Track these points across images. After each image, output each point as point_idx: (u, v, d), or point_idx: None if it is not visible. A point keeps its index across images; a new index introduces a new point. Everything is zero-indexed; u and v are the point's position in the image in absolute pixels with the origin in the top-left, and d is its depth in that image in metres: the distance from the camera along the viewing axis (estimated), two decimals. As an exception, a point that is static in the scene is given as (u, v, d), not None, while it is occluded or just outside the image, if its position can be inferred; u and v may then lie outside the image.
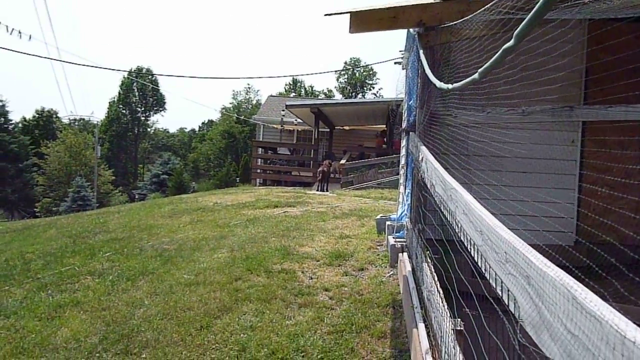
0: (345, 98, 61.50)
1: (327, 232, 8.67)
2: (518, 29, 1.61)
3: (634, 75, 4.55)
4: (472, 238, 2.16)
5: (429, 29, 5.38)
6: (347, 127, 28.75)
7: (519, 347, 1.80)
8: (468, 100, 4.94)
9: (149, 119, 75.73)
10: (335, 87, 73.07)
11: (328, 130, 26.78)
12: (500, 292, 1.78)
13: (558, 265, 1.54)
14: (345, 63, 71.98)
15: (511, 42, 1.70)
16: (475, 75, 2.25)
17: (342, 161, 20.80)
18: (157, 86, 69.58)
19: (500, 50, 1.85)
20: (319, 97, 61.85)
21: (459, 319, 3.10)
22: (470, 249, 2.23)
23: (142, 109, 73.57)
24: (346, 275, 6.39)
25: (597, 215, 5.69)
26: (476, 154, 5.78)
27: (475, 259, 2.12)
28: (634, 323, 0.99)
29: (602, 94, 5.58)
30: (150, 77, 67.95)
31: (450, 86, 2.93)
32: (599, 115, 5.00)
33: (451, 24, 4.70)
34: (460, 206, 2.44)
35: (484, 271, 1.98)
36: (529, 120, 5.24)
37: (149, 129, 77.64)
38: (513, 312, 1.63)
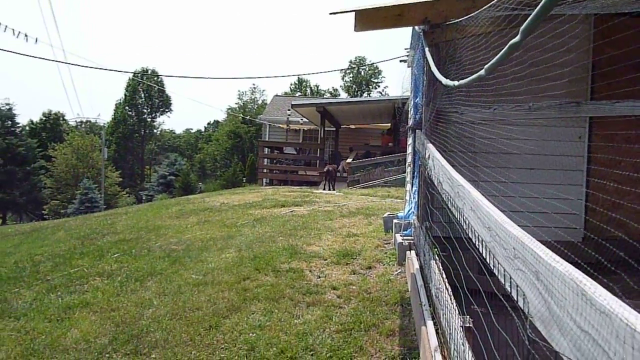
0: (351, 97, 61.46)
1: (334, 230, 8.67)
2: (524, 24, 1.61)
3: (641, 69, 4.53)
4: (480, 234, 2.16)
5: (434, 26, 5.37)
6: (353, 126, 28.73)
7: (528, 343, 1.80)
8: (474, 97, 4.93)
9: (155, 120, 75.86)
10: (340, 86, 72.94)
11: (334, 129, 26.77)
12: (509, 289, 1.78)
13: (567, 261, 1.53)
14: (350, 62, 71.87)
15: (517, 38, 1.70)
16: (482, 72, 2.24)
17: (349, 160, 20.79)
18: (163, 87, 69.74)
19: (507, 46, 1.85)
20: (325, 96, 61.83)
21: (468, 316, 3.10)
22: (479, 245, 2.23)
23: (148, 110, 73.72)
24: (354, 274, 6.39)
25: (606, 210, 5.66)
26: (483, 150, 5.78)
27: (484, 255, 2.12)
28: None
29: (608, 89, 5.56)
30: (155, 78, 68.15)
31: (456, 83, 2.92)
32: (606, 110, 4.98)
33: (456, 20, 4.69)
34: (468, 203, 2.44)
35: (492, 268, 1.98)
36: (536, 116, 5.23)
37: (155, 130, 77.75)
38: (522, 308, 1.63)
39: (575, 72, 5.90)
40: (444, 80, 3.35)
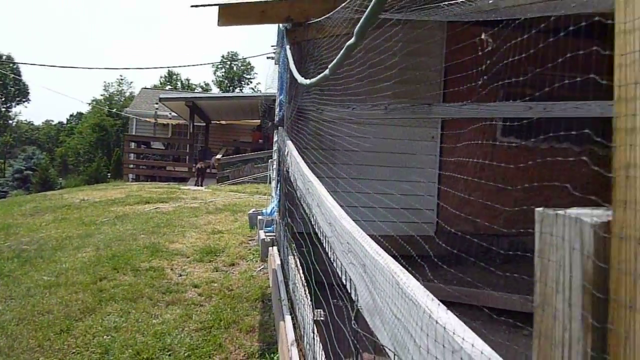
0: (223, 92, 60.69)
1: (199, 227, 8.55)
2: (357, 27, 1.67)
3: (486, 75, 4.88)
4: (324, 230, 2.22)
5: (297, 24, 5.45)
6: (223, 122, 28.39)
7: (353, 334, 1.88)
8: (334, 96, 5.05)
9: (10, 110, 70.28)
10: (212, 81, 71.63)
11: (204, 124, 26.34)
12: (345, 282, 1.84)
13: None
14: (223, 56, 70.98)
15: (352, 40, 1.76)
16: (326, 72, 2.30)
17: (218, 156, 20.59)
18: (19, 75, 64.78)
19: (344, 48, 1.91)
20: (196, 91, 60.54)
21: (320, 310, 3.18)
22: (323, 240, 2.29)
23: (3, 99, 68.21)
24: (217, 271, 6.35)
25: (455, 207, 6.04)
26: (343, 148, 5.94)
27: (327, 250, 2.18)
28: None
29: (458, 93, 5.92)
30: (11, 65, 63.26)
31: (308, 81, 2.98)
32: (454, 112, 5.31)
33: (316, 20, 4.78)
34: (316, 199, 2.50)
35: (332, 262, 2.05)
36: (392, 116, 5.46)
37: (10, 121, 72.06)
38: (355, 300, 1.69)
39: (430, 76, 6.22)
40: (299, 78, 3.40)
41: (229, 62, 65.81)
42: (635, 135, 0.66)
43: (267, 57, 10.26)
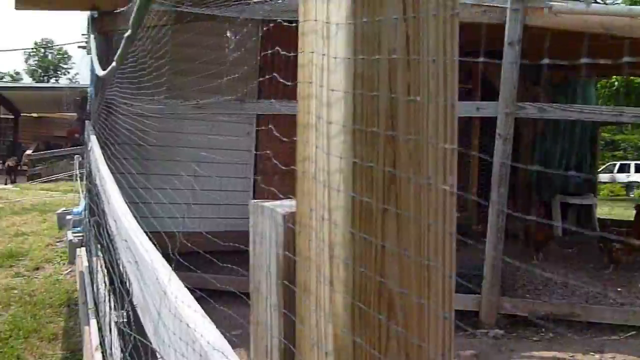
0: (36, 82, 56.08)
1: (1, 230, 7.87)
2: (131, 19, 1.64)
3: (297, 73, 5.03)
4: (111, 227, 2.15)
5: (105, 13, 5.20)
6: (35, 115, 26.25)
7: (120, 334, 1.85)
8: (145, 89, 4.88)
9: None
10: (24, 70, 65.84)
11: (13, 117, 24.16)
12: (126, 281, 1.80)
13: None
14: (36, 43, 65.48)
15: (129, 31, 1.73)
16: (114, 63, 2.23)
17: (29, 152, 19.06)
18: None
19: (124, 39, 1.87)
20: (4, 80, 55.27)
21: (123, 312, 3.07)
22: (112, 238, 2.22)
23: None
24: (18, 277, 5.88)
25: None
26: (155, 144, 5.77)
27: (111, 248, 2.12)
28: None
29: (273, 90, 6.03)
30: None
31: (102, 73, 2.87)
32: (265, 108, 5.42)
33: (123, 9, 4.60)
34: (107, 196, 2.42)
35: (117, 260, 1.99)
36: (204, 111, 5.42)
37: None
38: (130, 298, 1.66)
39: (246, 73, 6.25)
40: (97, 70, 3.26)
41: (42, 50, 60.97)
42: (305, 131, 0.72)
43: (79, 47, 9.69)
